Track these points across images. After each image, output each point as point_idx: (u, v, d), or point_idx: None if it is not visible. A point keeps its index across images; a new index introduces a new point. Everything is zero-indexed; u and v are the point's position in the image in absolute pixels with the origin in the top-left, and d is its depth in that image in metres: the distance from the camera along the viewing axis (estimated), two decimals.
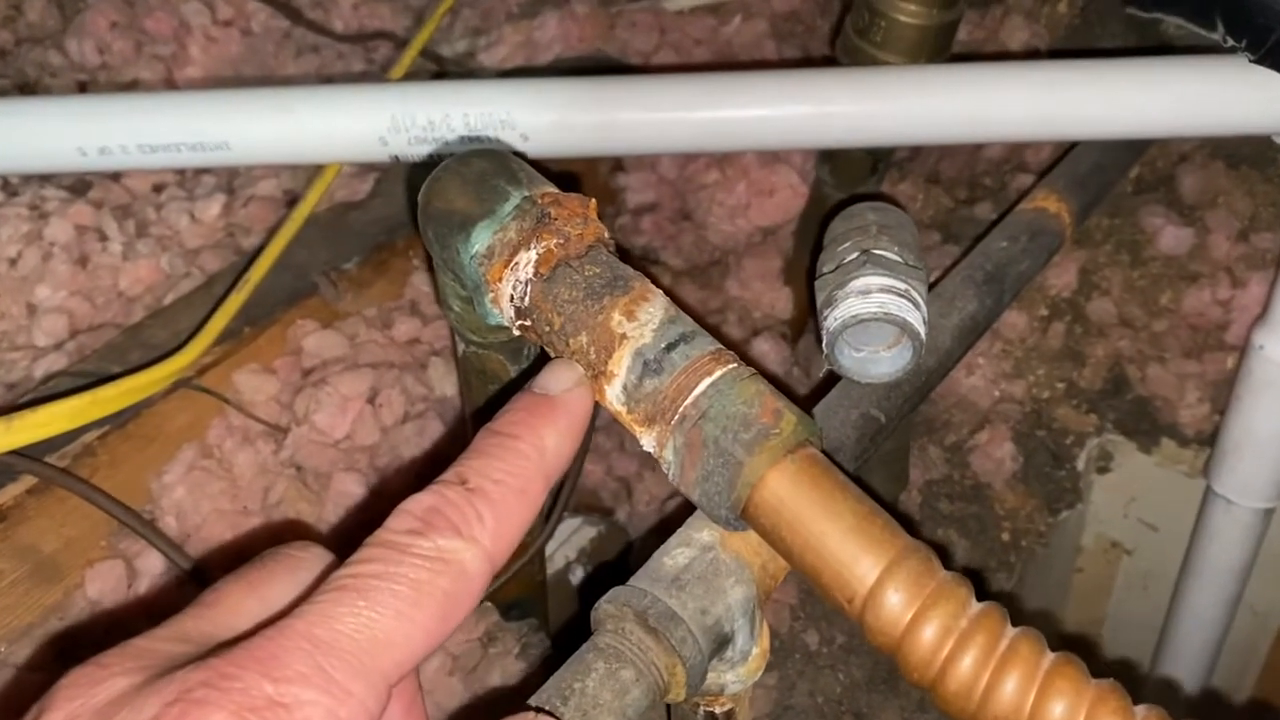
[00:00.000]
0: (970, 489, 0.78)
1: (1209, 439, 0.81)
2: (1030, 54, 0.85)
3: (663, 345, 0.37)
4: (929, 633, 0.33)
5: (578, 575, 0.79)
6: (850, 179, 0.72)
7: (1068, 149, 0.68)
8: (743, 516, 0.36)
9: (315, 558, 0.33)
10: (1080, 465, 0.82)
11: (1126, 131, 0.59)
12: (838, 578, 0.34)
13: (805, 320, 0.80)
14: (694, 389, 0.36)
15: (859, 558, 0.34)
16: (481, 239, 0.39)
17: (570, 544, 0.79)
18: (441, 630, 0.29)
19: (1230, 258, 0.80)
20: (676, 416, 0.36)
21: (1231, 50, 0.57)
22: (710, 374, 0.36)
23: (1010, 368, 0.80)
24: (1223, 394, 0.79)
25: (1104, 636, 1.03)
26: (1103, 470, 0.88)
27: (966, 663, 0.32)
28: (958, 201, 0.84)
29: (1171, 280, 0.81)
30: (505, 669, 0.63)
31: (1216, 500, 0.80)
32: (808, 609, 0.70)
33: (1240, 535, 0.80)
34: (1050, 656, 0.32)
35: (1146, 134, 0.60)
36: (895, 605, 0.33)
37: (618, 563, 0.77)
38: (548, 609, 0.68)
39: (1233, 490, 0.78)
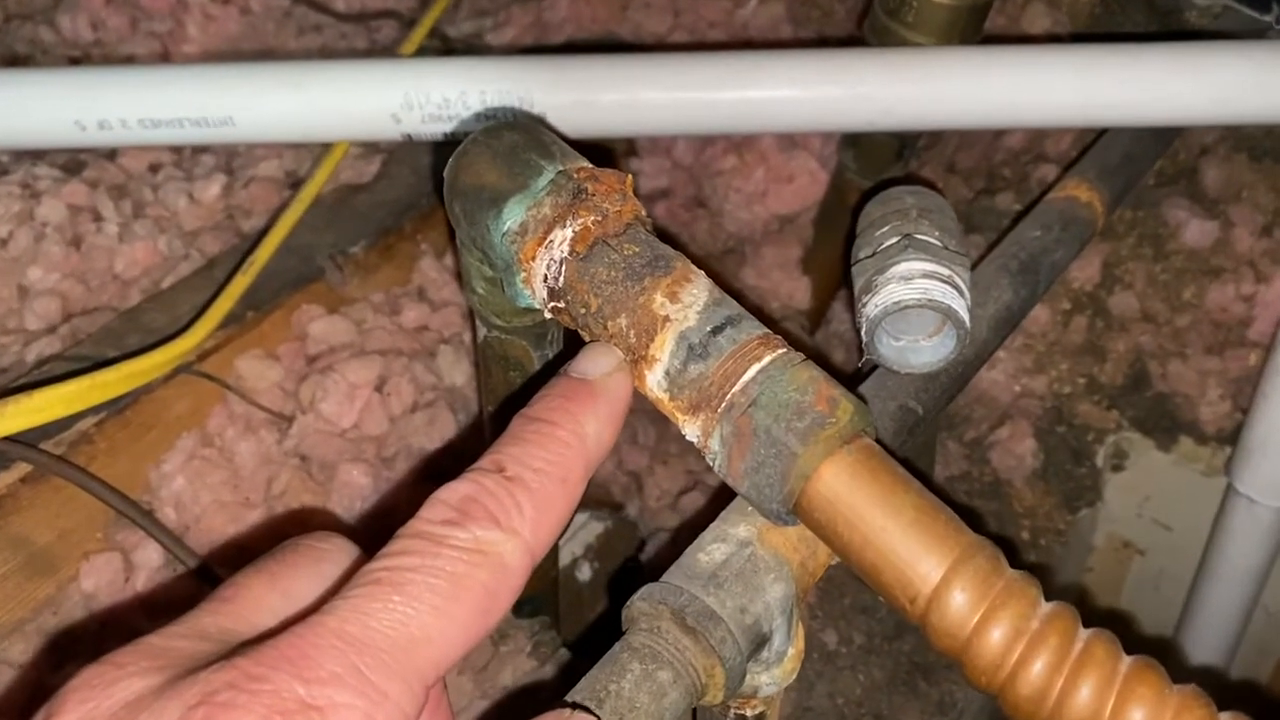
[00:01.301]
0: (989, 486, 0.76)
1: (1229, 437, 0.80)
2: (1052, 40, 0.83)
3: (708, 328, 0.35)
4: (997, 635, 0.31)
5: (584, 572, 0.77)
6: (875, 164, 0.70)
7: (1091, 139, 0.66)
8: (794, 510, 0.34)
9: (338, 549, 0.32)
10: (1099, 462, 0.81)
11: (1170, 118, 0.58)
12: (900, 576, 0.32)
13: (824, 311, 0.78)
14: (743, 375, 0.34)
15: (922, 555, 0.32)
16: (514, 215, 0.37)
17: (577, 540, 0.77)
18: (480, 626, 0.28)
19: (1254, 252, 0.78)
20: (724, 404, 0.34)
21: None
22: (759, 359, 0.34)
23: (1031, 362, 0.78)
24: (1244, 391, 0.78)
25: None
26: (1117, 468, 0.87)
27: (1038, 666, 0.30)
28: (977, 192, 0.82)
29: (1194, 275, 0.79)
30: (517, 667, 0.61)
31: (1238, 499, 0.78)
32: (826, 607, 0.68)
33: (1261, 535, 0.79)
34: (1127, 660, 0.31)
35: (1190, 121, 0.58)
36: (961, 605, 0.31)
37: (634, 559, 0.75)
38: (559, 606, 0.66)
39: (1255, 489, 0.77)
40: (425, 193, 0.71)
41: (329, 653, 0.25)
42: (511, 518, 0.29)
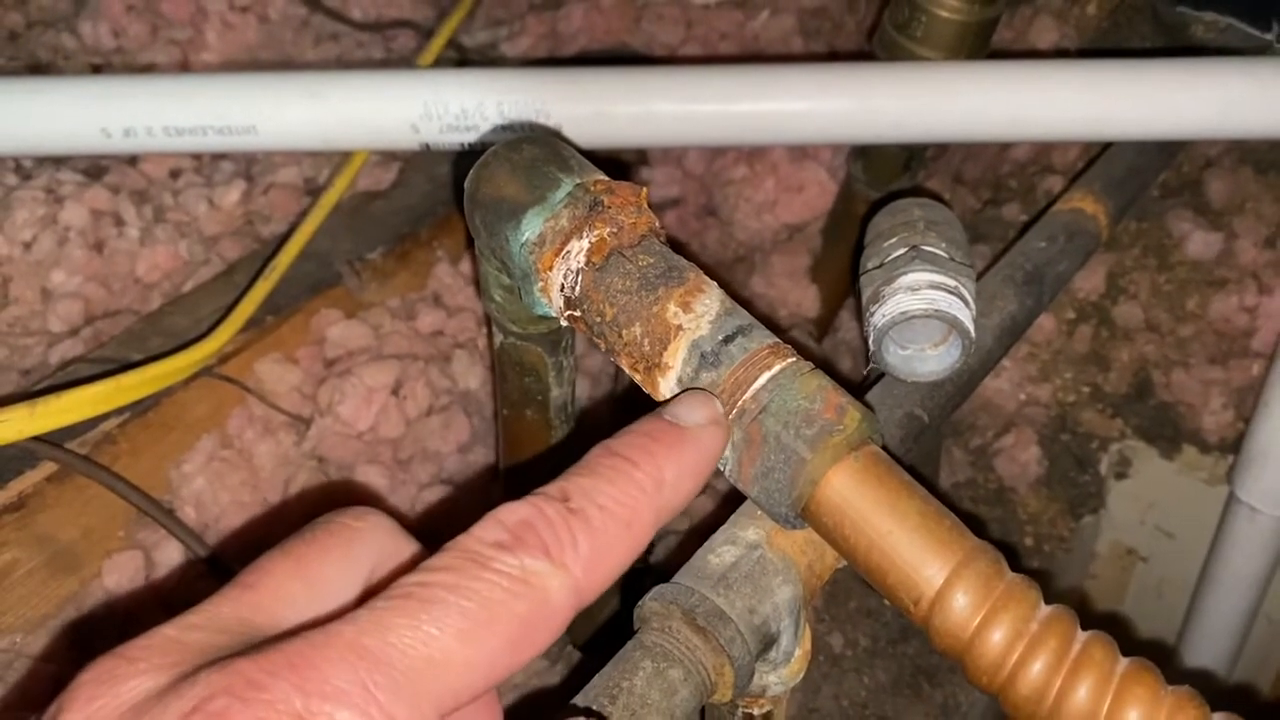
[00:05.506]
0: (994, 492, 0.77)
1: (1231, 446, 0.80)
2: (1059, 55, 0.84)
3: (720, 338, 0.36)
4: (998, 636, 0.32)
5: None
6: (883, 176, 0.72)
7: (1097, 151, 0.67)
8: (803, 515, 0.35)
9: (372, 528, 0.30)
10: (1103, 470, 0.81)
11: (1175, 132, 0.59)
12: (904, 579, 0.33)
13: (832, 319, 0.79)
14: (753, 383, 0.35)
15: (926, 559, 0.33)
16: (532, 226, 0.38)
17: None
18: (509, 661, 0.26)
19: (1257, 264, 0.79)
20: (735, 411, 0.35)
21: None
22: (769, 368, 0.35)
23: (1036, 370, 0.79)
24: (1247, 401, 0.79)
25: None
26: (1120, 476, 0.87)
27: (1037, 667, 0.31)
28: (984, 202, 0.83)
29: (1198, 286, 0.80)
30: (528, 667, 0.62)
31: (1240, 508, 0.79)
32: (832, 611, 0.69)
33: (1263, 544, 0.79)
34: (1124, 662, 0.32)
35: (1194, 135, 0.59)
36: (963, 608, 0.32)
37: (641, 560, 0.75)
38: None
39: (1257, 498, 0.77)
40: (441, 200, 0.72)
41: (338, 665, 0.23)
42: (565, 552, 0.27)
